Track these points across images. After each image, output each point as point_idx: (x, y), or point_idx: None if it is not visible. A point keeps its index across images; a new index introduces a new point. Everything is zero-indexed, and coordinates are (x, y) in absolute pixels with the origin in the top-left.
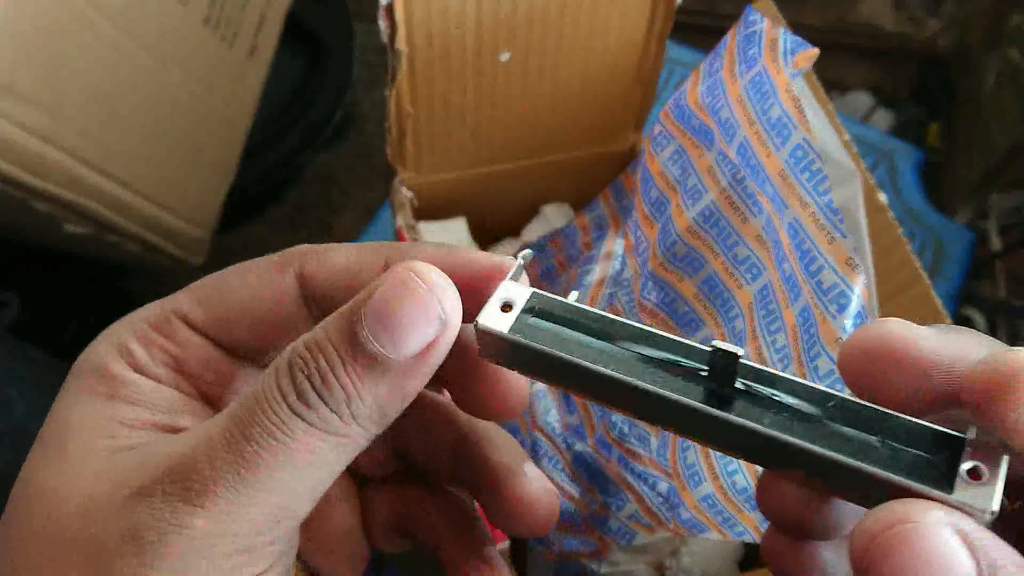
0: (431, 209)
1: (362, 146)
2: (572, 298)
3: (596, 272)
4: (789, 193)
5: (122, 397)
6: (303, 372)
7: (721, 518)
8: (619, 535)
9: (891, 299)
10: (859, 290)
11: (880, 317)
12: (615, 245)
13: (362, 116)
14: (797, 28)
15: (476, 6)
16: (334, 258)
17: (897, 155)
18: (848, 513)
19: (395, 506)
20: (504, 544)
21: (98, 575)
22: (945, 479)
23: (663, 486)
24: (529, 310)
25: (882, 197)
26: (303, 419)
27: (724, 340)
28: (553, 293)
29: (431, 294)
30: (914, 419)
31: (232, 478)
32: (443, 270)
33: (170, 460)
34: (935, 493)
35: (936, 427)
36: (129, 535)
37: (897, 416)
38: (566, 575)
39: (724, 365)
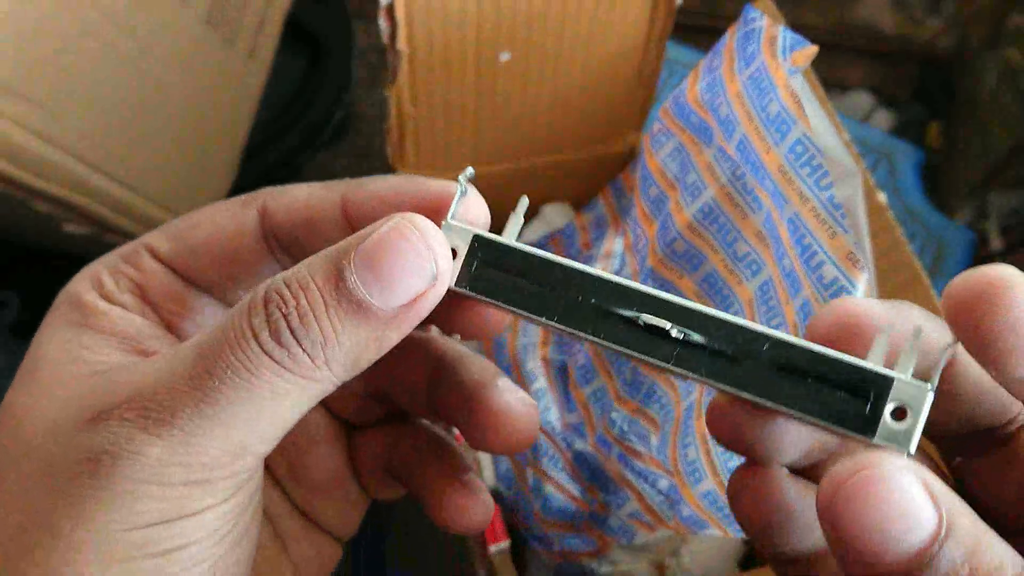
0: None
1: (362, 146)
2: (510, 235)
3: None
4: (789, 188)
5: (91, 325)
6: (280, 309)
7: (722, 514)
8: (620, 533)
9: (891, 299)
10: (862, 285)
11: None
12: (615, 244)
13: (362, 116)
14: (797, 28)
15: (477, 6)
16: (294, 193)
17: (897, 155)
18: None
19: (379, 449)
20: (504, 544)
21: (54, 491)
22: (871, 421)
23: (664, 483)
24: (473, 256)
25: (882, 197)
26: (271, 357)
27: None
28: (493, 233)
29: (426, 246)
30: (848, 359)
31: (190, 411)
32: (399, 199)
33: (131, 387)
34: (855, 436)
35: (867, 366)
36: (85, 457)
37: (830, 355)
38: (566, 575)
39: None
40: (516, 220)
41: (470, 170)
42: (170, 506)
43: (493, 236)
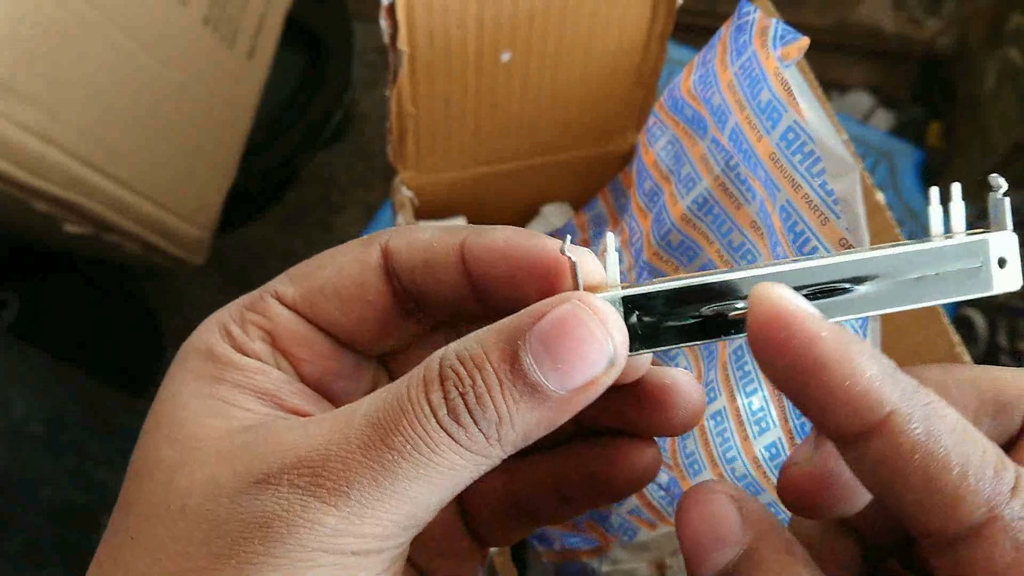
0: (431, 209)
1: (362, 146)
2: (614, 274)
3: None
4: (780, 176)
5: (228, 378)
6: (457, 388)
7: None
8: (621, 531)
9: None
10: None
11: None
12: (611, 241)
13: (362, 116)
14: (797, 28)
15: (477, 6)
16: (417, 234)
17: (897, 155)
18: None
19: (500, 486)
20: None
21: (221, 555)
22: (985, 281)
23: (663, 478)
24: (629, 315)
25: (880, 197)
26: (450, 434)
27: None
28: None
29: (604, 330)
30: (947, 243)
31: (367, 482)
32: (517, 255)
33: (296, 450)
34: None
35: (965, 240)
36: (256, 522)
37: (938, 247)
38: (567, 574)
39: None
40: (612, 258)
41: (569, 239)
42: (341, 575)
43: (638, 290)
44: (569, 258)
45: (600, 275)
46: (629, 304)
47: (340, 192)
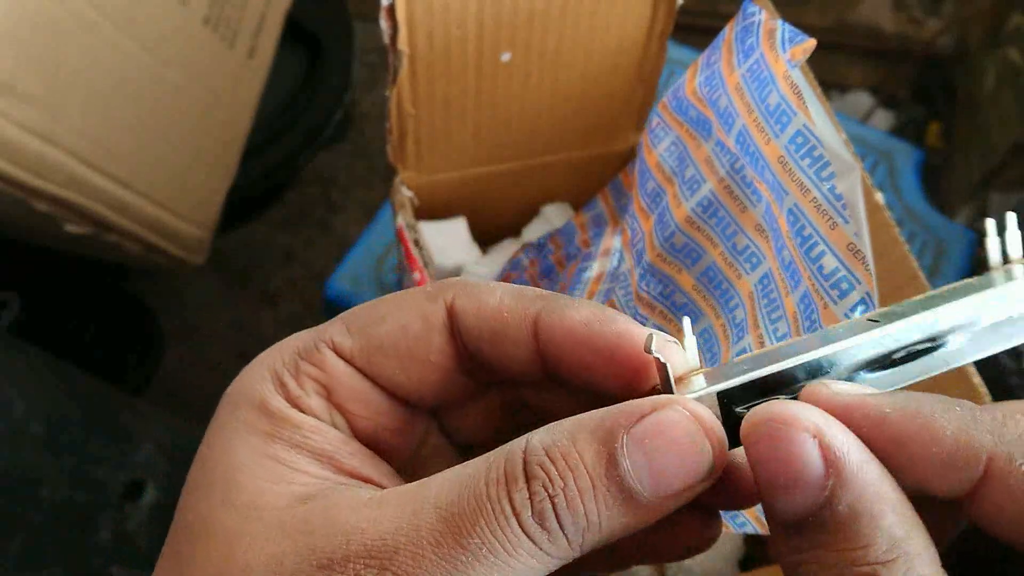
0: (431, 209)
1: (362, 146)
2: (693, 355)
3: (594, 268)
4: (789, 180)
5: (283, 437)
6: (547, 489)
7: None
8: None
9: (888, 300)
10: (862, 276)
11: None
12: (613, 241)
13: (362, 116)
14: (797, 28)
15: (477, 7)
16: (486, 297)
17: (897, 155)
18: None
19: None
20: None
21: None
22: None
23: None
24: (724, 409)
25: (879, 197)
26: (532, 539)
27: (722, 331)
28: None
29: (704, 438)
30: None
31: None
32: (595, 341)
33: (364, 537)
34: None
35: None
36: None
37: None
38: None
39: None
40: (691, 341)
41: (655, 337)
42: None
43: (730, 384)
44: (657, 359)
45: (685, 368)
46: (724, 399)
47: (340, 192)
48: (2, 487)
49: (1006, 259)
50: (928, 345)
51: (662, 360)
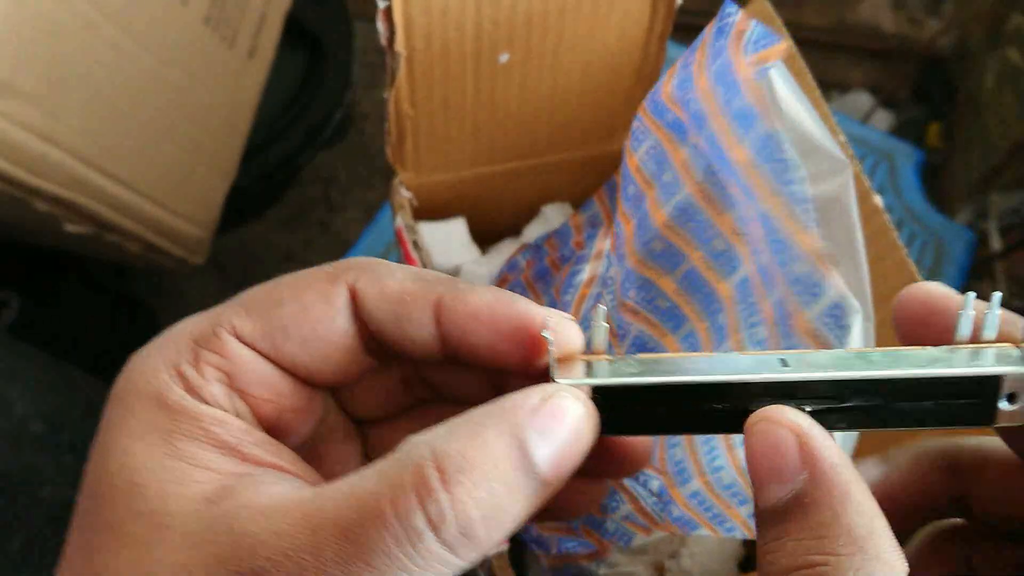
0: (431, 209)
1: (362, 146)
2: (600, 343)
3: (586, 272)
4: (758, 184)
5: (184, 431)
6: (472, 498)
7: (711, 514)
8: (617, 536)
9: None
10: (837, 281)
11: (874, 318)
12: (605, 244)
13: (362, 116)
14: (797, 28)
15: (475, 8)
16: (388, 280)
17: (897, 155)
18: None
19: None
20: (503, 547)
21: None
22: (989, 415)
23: (655, 484)
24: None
25: (878, 199)
26: (449, 549)
27: (706, 335)
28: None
29: (587, 415)
30: (954, 373)
31: None
32: (498, 323)
33: (269, 549)
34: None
35: (971, 373)
36: None
37: (938, 376)
38: None
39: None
40: (600, 329)
41: (551, 318)
42: None
43: (609, 382)
44: (547, 340)
45: (578, 344)
46: (598, 392)
47: (340, 192)
48: (2, 487)
49: (975, 338)
50: (831, 405)
51: (551, 343)
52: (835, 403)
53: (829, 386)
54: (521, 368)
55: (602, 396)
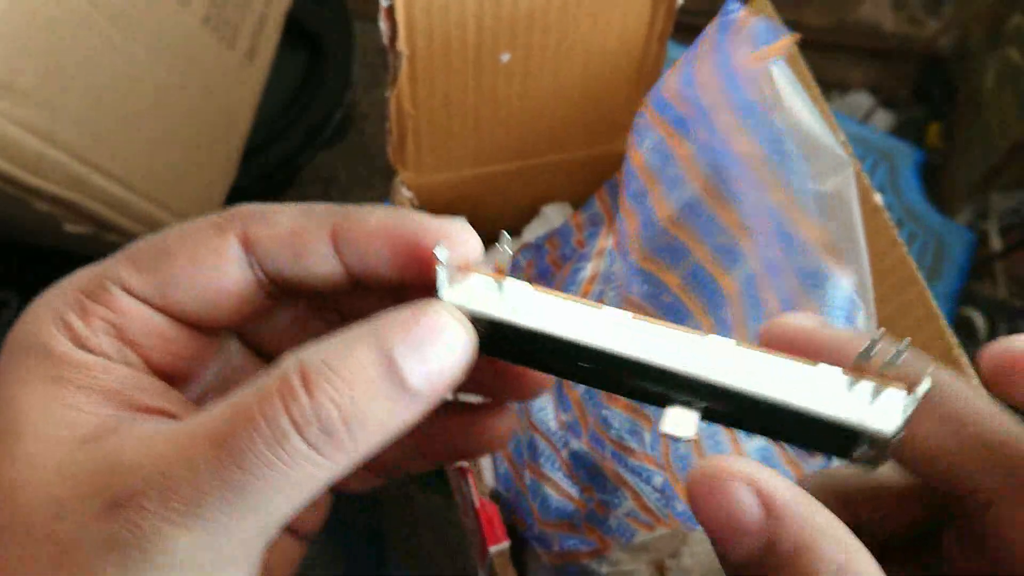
0: (431, 209)
1: (362, 146)
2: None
3: (588, 269)
4: (765, 177)
5: (70, 379)
6: (332, 400)
7: None
8: (619, 533)
9: (887, 300)
10: (844, 275)
11: (876, 317)
12: (607, 242)
13: (362, 116)
14: (797, 28)
15: (477, 7)
16: (278, 219)
17: (897, 155)
18: None
19: None
20: (504, 545)
21: None
22: (846, 453)
23: (658, 480)
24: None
25: (878, 198)
26: (316, 450)
27: (711, 329)
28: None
29: (465, 332)
30: (824, 415)
31: (219, 503)
32: (391, 237)
33: (144, 472)
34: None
35: (839, 418)
36: (108, 545)
37: (806, 413)
38: (567, 575)
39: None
40: (504, 255)
41: (447, 235)
42: None
43: (492, 316)
44: (435, 256)
45: (475, 255)
46: (474, 319)
47: (340, 192)
48: None
49: (881, 373)
50: (684, 398)
51: (440, 259)
52: (690, 398)
53: (682, 380)
54: (423, 284)
55: (477, 320)
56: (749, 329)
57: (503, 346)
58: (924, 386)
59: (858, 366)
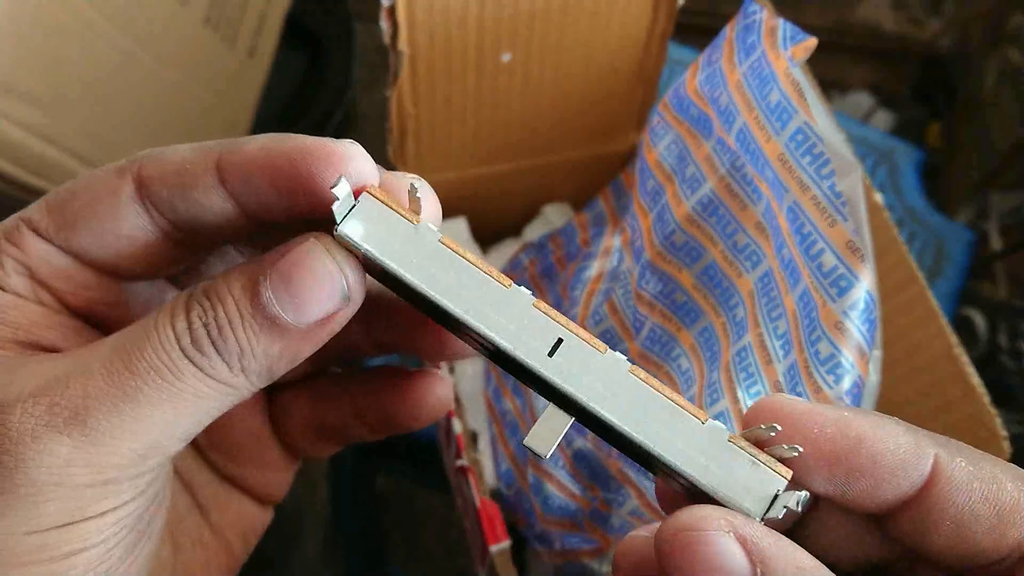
0: None
1: (362, 146)
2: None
3: (594, 268)
4: (789, 177)
5: None
6: (201, 319)
7: None
8: (622, 532)
9: (887, 300)
10: (863, 274)
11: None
12: (613, 241)
13: (362, 116)
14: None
15: (478, 7)
16: (168, 157)
17: (897, 155)
18: None
19: (305, 409)
20: (505, 543)
21: None
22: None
23: None
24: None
25: (878, 197)
26: (193, 363)
27: (723, 330)
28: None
29: (338, 269)
30: (713, 490)
31: (107, 409)
32: (273, 161)
33: (36, 380)
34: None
35: (728, 498)
36: None
37: (697, 484)
38: (567, 574)
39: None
40: (416, 192)
41: (344, 183)
42: (73, 508)
43: (379, 260)
44: (334, 196)
45: (373, 179)
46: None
47: None
48: None
49: (759, 442)
50: (572, 415)
51: (336, 196)
52: (578, 415)
53: (572, 404)
54: (319, 215)
55: (371, 260)
56: (763, 328)
57: (401, 290)
58: (802, 495)
59: (751, 436)
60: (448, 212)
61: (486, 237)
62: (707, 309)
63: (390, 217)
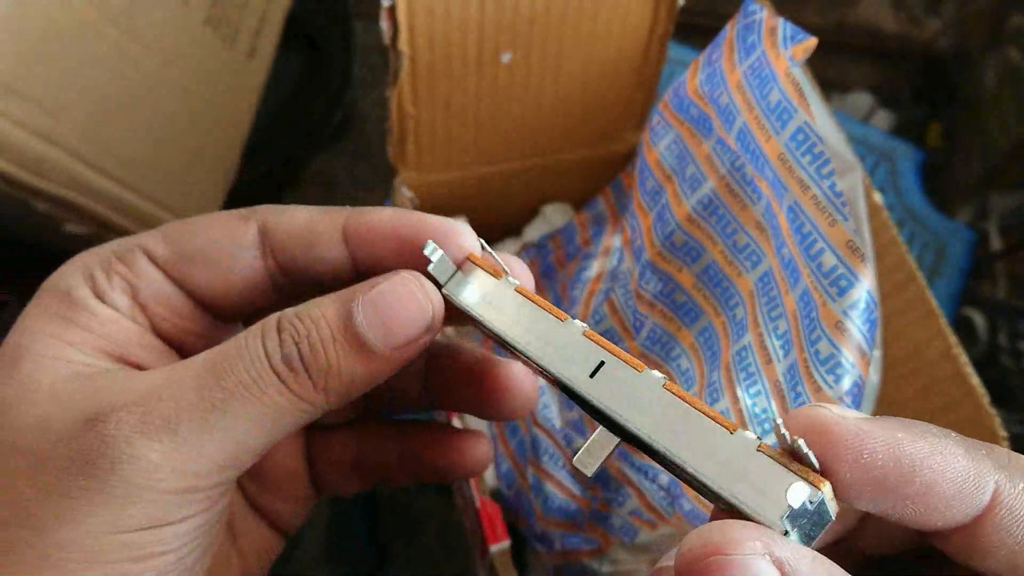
0: (432, 209)
1: (362, 146)
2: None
3: (594, 268)
4: (789, 177)
5: (79, 322)
6: (293, 338)
7: None
8: (622, 532)
9: (887, 300)
10: (863, 274)
11: (879, 315)
12: (613, 241)
13: (362, 116)
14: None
15: (478, 7)
16: (295, 214)
17: (897, 155)
18: None
19: (350, 448)
20: (505, 543)
21: (43, 490)
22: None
23: (663, 478)
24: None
25: (878, 197)
26: (280, 377)
27: (723, 329)
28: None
29: (427, 298)
30: (742, 506)
31: (195, 419)
32: (397, 233)
33: (129, 394)
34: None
35: (752, 513)
36: (81, 458)
37: (723, 496)
38: (567, 575)
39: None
40: (471, 236)
41: (435, 247)
42: (157, 512)
43: (475, 315)
44: (430, 251)
45: (475, 248)
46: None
47: (340, 192)
48: None
49: (788, 447)
50: (613, 431)
51: (428, 253)
52: (622, 435)
53: (595, 410)
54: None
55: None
56: (763, 328)
57: (477, 324)
58: (827, 490)
59: (783, 448)
60: (448, 212)
61: (486, 237)
62: (707, 309)
63: (478, 272)
